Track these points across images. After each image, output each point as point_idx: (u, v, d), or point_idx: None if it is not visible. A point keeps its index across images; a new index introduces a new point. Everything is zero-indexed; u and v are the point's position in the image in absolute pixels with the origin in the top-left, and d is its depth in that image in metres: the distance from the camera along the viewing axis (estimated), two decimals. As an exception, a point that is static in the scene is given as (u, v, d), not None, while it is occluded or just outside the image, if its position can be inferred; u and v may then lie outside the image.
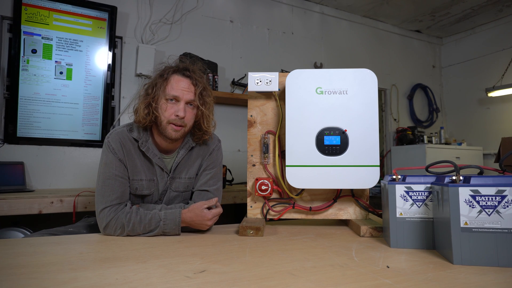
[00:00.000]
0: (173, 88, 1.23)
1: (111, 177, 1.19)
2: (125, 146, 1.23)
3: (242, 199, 2.42)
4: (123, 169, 1.22)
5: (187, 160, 1.33)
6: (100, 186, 1.19)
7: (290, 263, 0.81)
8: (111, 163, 1.20)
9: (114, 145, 1.22)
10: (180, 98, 1.23)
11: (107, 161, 1.21)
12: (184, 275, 0.72)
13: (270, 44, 3.55)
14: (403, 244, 0.95)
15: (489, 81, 4.16)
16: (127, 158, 1.23)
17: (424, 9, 4.01)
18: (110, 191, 1.17)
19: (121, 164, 1.21)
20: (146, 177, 1.26)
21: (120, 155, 1.22)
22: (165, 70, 1.27)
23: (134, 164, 1.24)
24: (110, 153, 1.21)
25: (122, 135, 1.24)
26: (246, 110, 1.34)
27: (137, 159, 1.25)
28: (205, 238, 1.10)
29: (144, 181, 1.25)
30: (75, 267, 0.77)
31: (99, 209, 1.15)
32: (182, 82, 1.24)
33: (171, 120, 1.22)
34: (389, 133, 4.34)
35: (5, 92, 2.43)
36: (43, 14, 2.48)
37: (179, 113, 1.21)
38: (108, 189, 1.18)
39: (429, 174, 0.97)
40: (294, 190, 1.27)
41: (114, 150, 1.21)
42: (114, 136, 1.24)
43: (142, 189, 1.25)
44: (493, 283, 0.68)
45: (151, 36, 2.93)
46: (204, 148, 1.37)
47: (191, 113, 1.27)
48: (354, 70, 1.17)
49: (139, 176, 1.24)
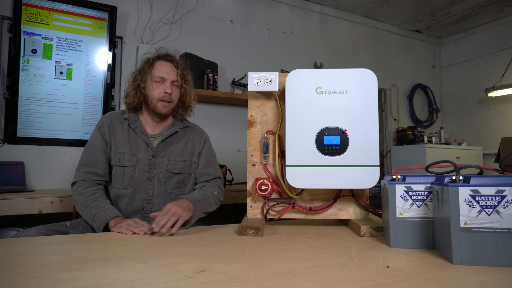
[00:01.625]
0: (158, 70, 1.45)
1: (89, 145, 1.43)
2: (113, 123, 1.46)
3: (242, 199, 2.42)
4: (101, 141, 1.42)
5: (172, 141, 1.51)
6: (84, 150, 1.44)
7: (290, 263, 0.81)
8: (94, 135, 1.45)
9: (103, 121, 1.46)
10: (166, 79, 1.45)
11: (92, 134, 1.47)
12: (184, 275, 0.72)
13: (270, 44, 3.55)
14: (403, 244, 0.95)
15: (489, 81, 4.16)
16: (112, 133, 1.44)
17: (424, 9, 4.01)
18: (85, 158, 1.41)
19: (101, 137, 1.43)
20: (129, 151, 1.44)
21: (104, 129, 1.43)
22: (149, 58, 1.50)
23: (118, 139, 1.44)
24: (96, 128, 1.46)
25: (114, 114, 1.49)
26: (246, 110, 1.35)
27: (122, 135, 1.45)
28: (205, 238, 1.10)
29: (126, 154, 1.43)
30: (75, 267, 0.77)
31: (72, 180, 1.41)
32: (165, 66, 1.47)
33: (160, 97, 1.44)
34: (389, 133, 4.34)
35: (5, 92, 2.43)
36: (43, 14, 2.49)
37: (167, 90, 1.44)
38: (85, 156, 1.42)
39: (429, 174, 0.97)
40: (294, 190, 1.27)
41: (100, 126, 1.45)
42: (106, 115, 1.49)
43: (123, 161, 1.43)
44: (493, 283, 0.68)
45: (151, 36, 2.93)
46: (193, 135, 1.57)
47: (176, 91, 1.50)
48: (354, 70, 1.16)
49: (122, 149, 1.43)
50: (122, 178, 1.42)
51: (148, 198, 1.44)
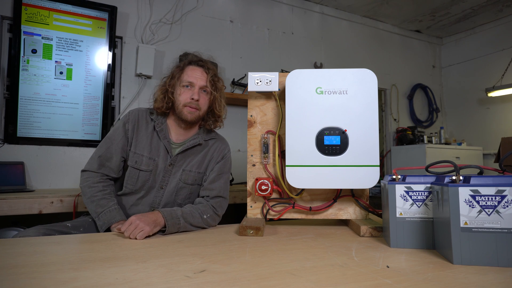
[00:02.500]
0: (188, 75, 1.40)
1: (109, 138, 1.40)
2: (139, 121, 1.41)
3: (242, 199, 2.42)
4: (122, 138, 1.39)
5: (192, 152, 1.44)
6: (101, 143, 1.41)
7: (290, 263, 0.81)
8: (116, 129, 1.41)
9: (129, 117, 1.41)
10: (194, 84, 1.40)
11: (115, 127, 1.42)
12: (184, 275, 0.72)
13: (270, 44, 3.55)
14: (403, 244, 0.95)
15: (489, 81, 4.16)
16: (135, 132, 1.39)
17: (424, 9, 4.01)
18: (103, 149, 1.38)
19: (124, 134, 1.39)
20: (148, 154, 1.39)
21: (129, 126, 1.39)
22: (181, 62, 1.47)
23: (140, 139, 1.39)
24: (121, 122, 1.41)
25: (142, 112, 1.45)
26: (246, 110, 1.35)
27: (145, 136, 1.40)
28: (205, 238, 1.10)
29: (144, 157, 1.38)
30: (75, 267, 0.77)
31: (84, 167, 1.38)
32: (195, 71, 1.42)
33: (186, 103, 1.38)
34: (389, 133, 4.34)
35: (5, 92, 2.43)
36: (43, 14, 2.49)
37: (194, 96, 1.38)
38: (103, 146, 1.38)
39: (429, 174, 0.97)
40: (294, 190, 1.27)
41: (126, 121, 1.41)
42: (134, 111, 1.44)
43: (140, 164, 1.38)
44: (493, 283, 0.68)
45: (151, 36, 2.93)
46: (214, 147, 1.49)
47: (205, 98, 1.43)
48: (354, 70, 1.16)
49: (141, 151, 1.39)
50: (136, 180, 1.38)
51: (154, 205, 1.40)
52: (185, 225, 1.20)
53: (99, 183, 1.34)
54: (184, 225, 1.19)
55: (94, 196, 1.31)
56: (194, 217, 1.24)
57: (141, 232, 1.07)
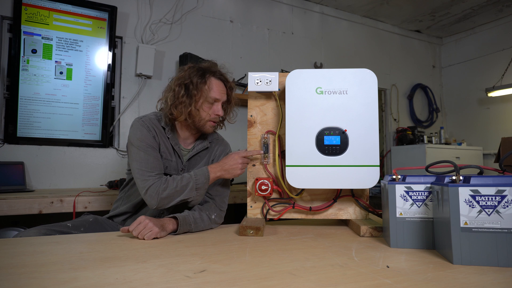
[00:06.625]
0: (214, 91, 1.36)
1: (141, 148, 1.28)
2: (157, 128, 1.36)
3: (242, 199, 2.42)
4: (156, 143, 1.33)
5: (200, 155, 1.45)
6: (136, 158, 1.27)
7: (290, 263, 0.81)
8: (146, 137, 1.30)
9: (148, 124, 1.33)
10: (219, 100, 1.38)
11: (142, 136, 1.30)
12: (184, 275, 0.72)
13: (270, 44, 3.55)
14: (403, 244, 0.95)
15: (489, 81, 4.16)
16: (159, 138, 1.35)
17: (424, 9, 4.01)
18: (145, 162, 1.26)
19: (154, 139, 1.32)
20: (173, 158, 1.38)
21: (154, 132, 1.34)
22: (203, 71, 1.37)
23: (162, 145, 1.36)
24: (144, 129, 1.31)
25: (153, 121, 1.37)
26: (246, 110, 1.34)
27: (162, 143, 1.37)
28: (205, 238, 1.10)
29: (171, 162, 1.37)
30: (75, 267, 0.77)
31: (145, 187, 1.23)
32: (220, 86, 1.39)
33: (212, 118, 1.37)
34: (389, 133, 4.34)
35: (5, 92, 2.43)
36: (43, 14, 2.49)
37: (219, 112, 1.37)
38: (143, 160, 1.26)
39: (429, 174, 0.97)
40: (294, 190, 1.27)
41: (149, 128, 1.32)
42: (147, 119, 1.36)
43: (170, 169, 1.36)
44: (493, 283, 0.68)
45: (151, 36, 2.93)
46: (216, 148, 1.50)
47: (223, 111, 1.43)
48: (354, 70, 1.16)
49: (166, 156, 1.36)
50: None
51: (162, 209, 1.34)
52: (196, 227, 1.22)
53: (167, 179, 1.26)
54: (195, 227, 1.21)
55: (175, 187, 1.23)
56: (203, 221, 1.24)
57: (149, 232, 1.06)
